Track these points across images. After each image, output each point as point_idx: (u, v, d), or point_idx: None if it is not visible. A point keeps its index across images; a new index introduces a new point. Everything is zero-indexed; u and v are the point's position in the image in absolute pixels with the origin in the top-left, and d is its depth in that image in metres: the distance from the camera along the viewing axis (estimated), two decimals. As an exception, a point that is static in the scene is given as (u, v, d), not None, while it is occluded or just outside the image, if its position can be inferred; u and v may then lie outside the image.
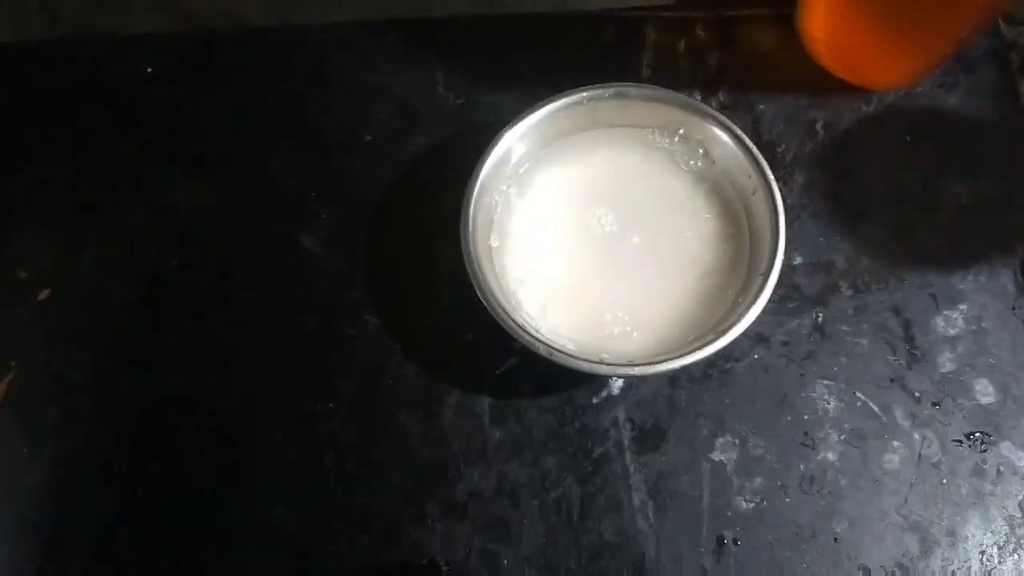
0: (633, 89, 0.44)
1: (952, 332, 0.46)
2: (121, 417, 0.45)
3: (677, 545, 0.42)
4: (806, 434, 0.44)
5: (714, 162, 0.45)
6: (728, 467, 0.43)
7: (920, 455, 0.44)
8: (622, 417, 0.44)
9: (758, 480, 0.43)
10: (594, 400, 0.45)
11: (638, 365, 0.38)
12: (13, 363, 0.46)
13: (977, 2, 0.42)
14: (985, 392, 0.45)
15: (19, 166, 0.51)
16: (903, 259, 0.47)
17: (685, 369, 0.45)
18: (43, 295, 0.47)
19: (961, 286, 0.47)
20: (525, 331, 0.39)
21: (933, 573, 0.42)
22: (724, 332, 0.38)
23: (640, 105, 0.44)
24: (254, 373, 0.46)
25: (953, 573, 0.42)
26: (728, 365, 0.45)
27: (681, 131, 0.45)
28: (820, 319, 0.46)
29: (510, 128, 0.43)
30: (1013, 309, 0.46)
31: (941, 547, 0.42)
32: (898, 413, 0.44)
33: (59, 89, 0.52)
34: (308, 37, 0.53)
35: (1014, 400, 0.45)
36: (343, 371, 0.46)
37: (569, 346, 0.41)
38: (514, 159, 0.44)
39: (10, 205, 0.50)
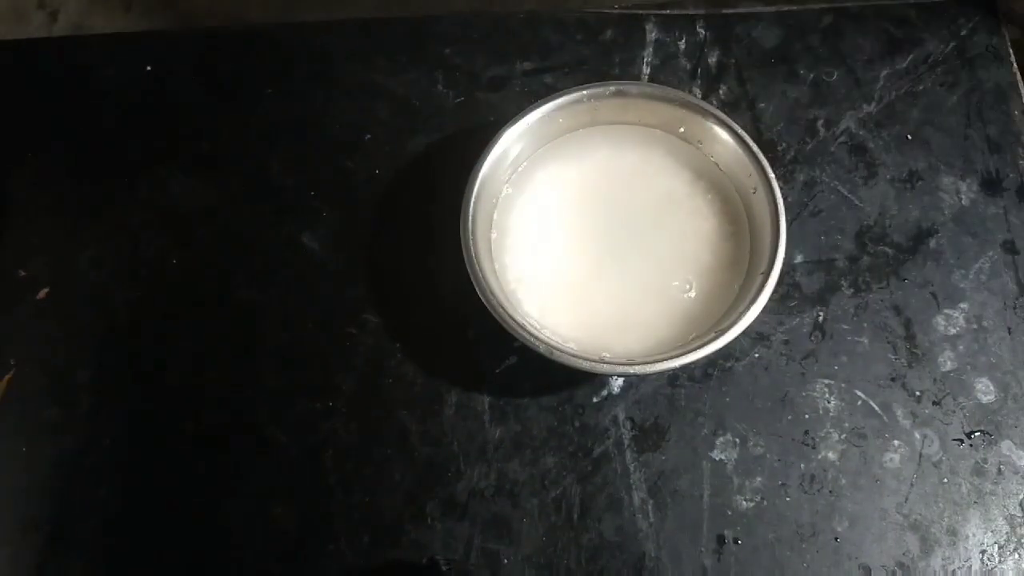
0: (633, 87, 0.44)
1: (953, 331, 0.46)
2: (121, 417, 0.45)
3: (677, 544, 0.42)
4: (806, 433, 0.44)
5: (715, 160, 0.45)
6: (728, 466, 0.43)
7: (921, 454, 0.44)
8: (622, 416, 0.44)
9: (758, 479, 0.43)
10: (594, 399, 0.45)
11: (638, 364, 0.38)
12: (13, 362, 0.46)
13: None
14: (986, 391, 0.45)
15: (19, 165, 0.51)
16: (904, 258, 0.47)
17: (685, 368, 0.45)
18: (43, 294, 0.47)
19: (962, 285, 0.47)
20: (525, 330, 0.39)
21: (934, 572, 0.42)
22: (724, 331, 0.38)
23: (640, 103, 0.44)
24: (254, 373, 0.46)
25: (954, 572, 0.42)
26: (728, 364, 0.45)
27: (681, 129, 0.45)
28: (821, 318, 0.46)
29: (510, 126, 0.43)
30: (1014, 308, 0.46)
31: (942, 546, 0.42)
32: (899, 412, 0.44)
33: (59, 89, 0.52)
34: (308, 37, 0.53)
35: (1014, 399, 0.44)
36: (343, 370, 0.45)
37: (569, 345, 0.41)
38: (514, 157, 0.44)
39: (10, 204, 0.50)
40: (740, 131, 0.43)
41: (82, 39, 0.55)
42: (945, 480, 0.43)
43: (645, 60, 0.52)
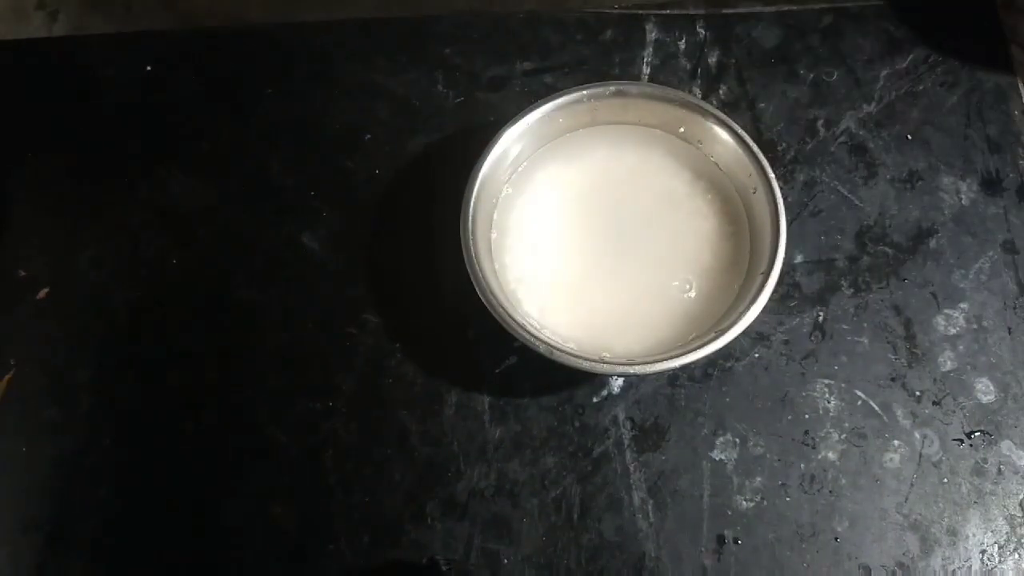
0: (633, 87, 0.44)
1: (953, 331, 0.46)
2: (121, 417, 0.45)
3: (677, 544, 0.42)
4: (806, 433, 0.44)
5: (715, 160, 0.45)
6: (728, 466, 0.43)
7: (921, 454, 0.44)
8: (622, 416, 0.44)
9: (758, 479, 0.43)
10: (594, 399, 0.45)
11: (638, 364, 0.38)
12: (13, 362, 0.46)
13: None
14: (986, 391, 0.45)
15: (18, 165, 0.51)
16: (904, 258, 0.47)
17: (685, 368, 0.45)
18: (43, 294, 0.47)
19: (962, 285, 0.47)
20: (525, 330, 0.39)
21: (934, 572, 0.42)
22: (724, 331, 0.38)
23: (640, 103, 0.44)
24: (254, 373, 0.46)
25: (954, 572, 0.42)
26: (728, 364, 0.45)
27: (681, 129, 0.45)
28: (821, 318, 0.46)
29: (510, 126, 0.43)
30: (1014, 308, 0.46)
31: (942, 546, 0.42)
32: (899, 412, 0.44)
33: (59, 89, 0.52)
34: (308, 37, 0.53)
35: (1014, 399, 0.44)
36: (343, 370, 0.45)
37: (569, 344, 0.41)
38: (514, 157, 0.44)
39: (10, 204, 0.50)
40: (740, 131, 0.43)
41: (82, 39, 0.54)
42: (945, 480, 0.43)
43: (645, 60, 0.52)
